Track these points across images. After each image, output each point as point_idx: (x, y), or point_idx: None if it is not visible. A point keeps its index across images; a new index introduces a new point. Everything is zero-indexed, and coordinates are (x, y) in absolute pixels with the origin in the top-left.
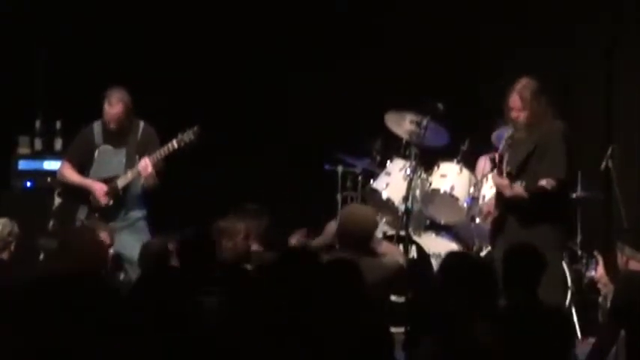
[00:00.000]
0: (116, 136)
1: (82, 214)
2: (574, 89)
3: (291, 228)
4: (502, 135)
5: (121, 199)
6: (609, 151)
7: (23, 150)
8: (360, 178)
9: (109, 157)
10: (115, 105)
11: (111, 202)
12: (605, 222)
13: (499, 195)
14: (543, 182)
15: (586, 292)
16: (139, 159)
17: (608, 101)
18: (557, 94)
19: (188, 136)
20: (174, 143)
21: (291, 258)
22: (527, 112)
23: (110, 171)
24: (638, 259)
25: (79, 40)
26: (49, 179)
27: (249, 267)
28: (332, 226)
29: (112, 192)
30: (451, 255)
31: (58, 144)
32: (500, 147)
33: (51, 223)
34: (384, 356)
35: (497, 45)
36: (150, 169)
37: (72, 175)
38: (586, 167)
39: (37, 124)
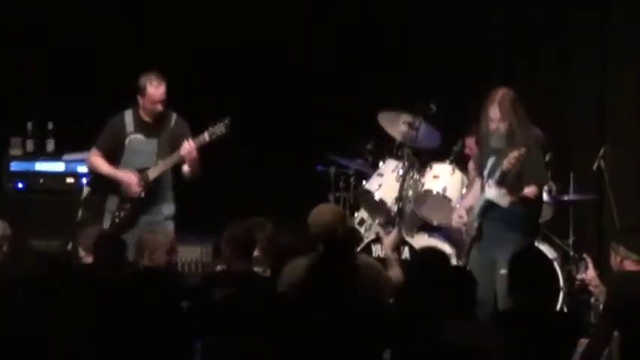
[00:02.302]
0: (148, 126)
1: (111, 205)
2: (566, 90)
3: (283, 229)
4: None
5: (152, 191)
6: (601, 152)
7: (15, 151)
8: (352, 179)
9: (139, 147)
10: (159, 86)
11: (143, 194)
12: (598, 223)
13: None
14: (527, 190)
15: (578, 293)
16: (171, 152)
17: (601, 102)
18: (549, 94)
19: (219, 128)
20: (206, 136)
21: None
22: (507, 122)
23: (141, 161)
24: (632, 259)
25: (70, 41)
26: (41, 180)
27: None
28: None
29: (144, 183)
30: (424, 253)
31: (50, 145)
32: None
33: (80, 213)
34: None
35: (490, 46)
36: (195, 153)
37: (102, 165)
38: (578, 168)
39: (29, 125)
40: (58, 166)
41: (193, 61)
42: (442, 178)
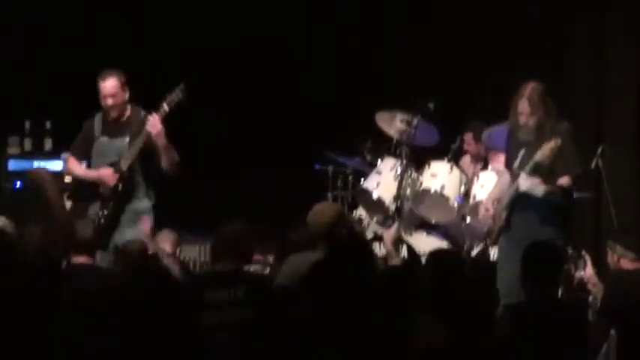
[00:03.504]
0: (113, 126)
1: (93, 210)
2: (564, 89)
3: (281, 228)
4: (495, 134)
5: (128, 182)
6: (599, 151)
7: (13, 150)
8: (350, 177)
9: (105, 148)
10: (105, 79)
11: (120, 187)
12: (596, 221)
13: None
14: (561, 180)
15: (576, 291)
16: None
17: (598, 101)
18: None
19: (176, 95)
20: (165, 106)
21: None
22: (536, 116)
23: (108, 162)
24: (629, 257)
25: (68, 40)
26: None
27: None
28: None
29: (118, 175)
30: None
31: (48, 144)
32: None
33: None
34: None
35: (489, 45)
36: (159, 126)
37: (76, 168)
38: None
39: (27, 124)
40: (56, 165)
41: (193, 61)
42: (440, 176)
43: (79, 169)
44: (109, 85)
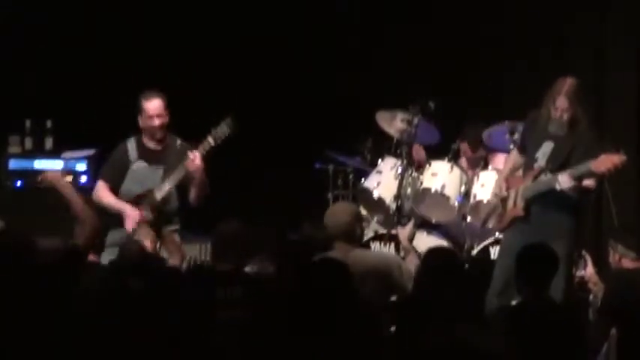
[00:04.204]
0: (152, 153)
1: (114, 237)
2: None
3: (281, 227)
4: (495, 134)
5: (161, 214)
6: None
7: (13, 149)
8: (351, 176)
9: (143, 174)
10: (152, 99)
11: (150, 217)
12: (596, 221)
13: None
14: (588, 182)
15: (577, 290)
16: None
17: (599, 101)
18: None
19: (222, 130)
20: (210, 140)
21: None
22: (571, 112)
23: (144, 189)
24: (630, 257)
25: (69, 39)
26: (39, 178)
27: None
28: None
29: (151, 206)
30: (433, 252)
31: (49, 143)
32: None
33: None
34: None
35: (487, 44)
36: (199, 161)
37: (107, 197)
38: None
39: (28, 123)
40: (57, 164)
41: (193, 61)
42: (441, 175)
43: (109, 197)
44: (157, 104)
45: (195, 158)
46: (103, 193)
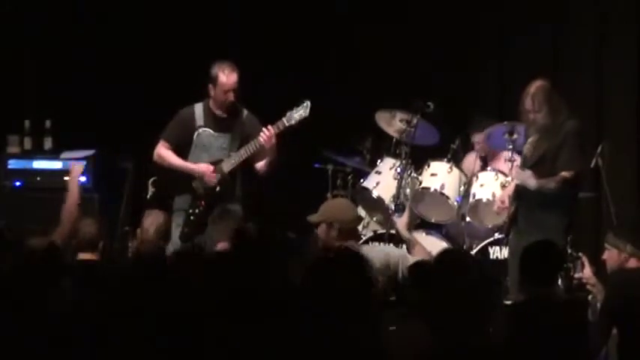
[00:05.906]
0: (219, 120)
1: (182, 203)
2: (563, 88)
3: (280, 226)
4: (495, 134)
5: (226, 186)
6: (599, 150)
7: (13, 149)
8: (350, 176)
9: (209, 141)
10: (231, 74)
11: (218, 188)
12: (595, 220)
13: (517, 188)
14: (563, 174)
15: (575, 290)
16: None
17: (598, 100)
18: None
19: (299, 112)
20: (284, 121)
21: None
22: (542, 113)
23: (210, 157)
24: (638, 256)
25: (68, 39)
26: (38, 178)
27: None
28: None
29: (219, 175)
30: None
31: (48, 143)
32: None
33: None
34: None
35: (487, 44)
36: (274, 141)
37: (171, 157)
38: None
39: (27, 123)
40: (56, 165)
41: (193, 61)
42: (440, 175)
43: (174, 158)
44: (235, 79)
45: (270, 136)
46: (166, 153)
